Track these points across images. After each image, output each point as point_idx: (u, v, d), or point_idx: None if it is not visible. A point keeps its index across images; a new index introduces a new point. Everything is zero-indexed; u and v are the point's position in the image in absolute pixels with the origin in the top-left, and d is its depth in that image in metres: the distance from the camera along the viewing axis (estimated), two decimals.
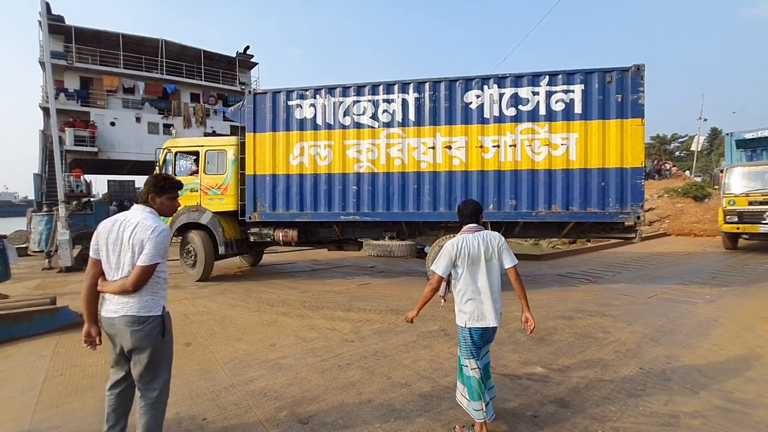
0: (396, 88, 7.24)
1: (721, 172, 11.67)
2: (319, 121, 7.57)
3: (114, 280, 2.22)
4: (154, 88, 23.10)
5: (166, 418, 2.38)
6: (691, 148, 31.32)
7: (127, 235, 2.19)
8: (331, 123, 7.51)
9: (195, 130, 22.95)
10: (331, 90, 7.51)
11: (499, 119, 6.84)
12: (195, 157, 8.72)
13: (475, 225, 2.80)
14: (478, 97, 6.92)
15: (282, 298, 6.79)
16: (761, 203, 10.17)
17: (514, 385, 3.46)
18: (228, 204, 8.24)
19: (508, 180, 6.80)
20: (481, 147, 6.89)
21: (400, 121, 7.22)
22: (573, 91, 6.59)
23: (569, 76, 6.62)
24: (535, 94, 6.72)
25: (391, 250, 7.52)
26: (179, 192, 2.49)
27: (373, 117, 7.34)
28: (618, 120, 6.44)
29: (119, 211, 2.55)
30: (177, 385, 3.47)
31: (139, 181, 25.84)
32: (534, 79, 6.72)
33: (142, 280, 2.17)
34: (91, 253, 2.28)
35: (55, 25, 20.21)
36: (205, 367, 3.96)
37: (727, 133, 15.64)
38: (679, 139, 55.02)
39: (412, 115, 7.17)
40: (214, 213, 8.20)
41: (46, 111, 20.04)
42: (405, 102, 7.21)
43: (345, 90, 7.45)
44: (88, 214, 17.72)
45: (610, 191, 6.48)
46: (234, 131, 8.21)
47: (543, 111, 6.68)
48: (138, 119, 22.03)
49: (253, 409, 3.13)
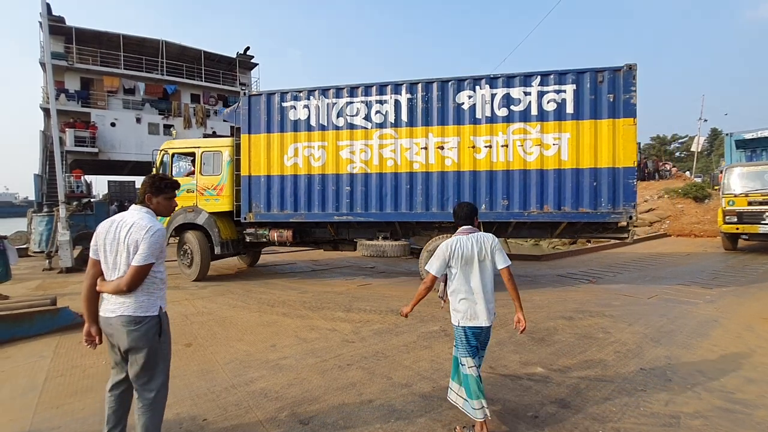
0: (388, 89, 7.26)
1: (721, 172, 11.64)
2: (312, 122, 7.59)
3: (111, 280, 2.23)
4: (154, 88, 23.11)
5: (166, 418, 2.39)
6: (692, 149, 31.33)
7: (123, 236, 2.19)
8: (325, 124, 7.54)
9: (195, 131, 22.94)
10: (324, 91, 7.54)
11: (491, 119, 6.84)
12: (191, 158, 8.76)
13: (470, 227, 2.86)
14: (470, 97, 6.92)
15: (282, 298, 6.80)
16: (761, 203, 10.13)
17: (515, 386, 3.46)
18: (224, 205, 8.28)
19: (500, 180, 6.79)
20: (473, 147, 6.89)
21: (393, 121, 7.24)
22: (565, 91, 6.58)
23: (561, 76, 6.61)
24: (526, 94, 6.71)
25: (384, 251, 7.51)
26: (176, 192, 2.50)
27: (366, 118, 7.36)
28: (610, 120, 6.43)
29: (119, 211, 2.54)
30: (178, 386, 3.48)
31: (140, 181, 25.68)
32: (526, 79, 6.72)
33: (137, 280, 2.17)
34: (91, 254, 2.30)
35: (56, 26, 20.24)
36: (206, 367, 3.96)
37: (726, 134, 15.58)
38: (680, 140, 55.05)
39: (404, 116, 7.19)
40: (210, 213, 8.23)
41: (46, 112, 20.06)
42: (397, 103, 7.22)
43: (338, 91, 7.48)
44: (88, 214, 17.75)
45: (602, 191, 6.47)
46: (235, 132, 8.25)
47: (535, 111, 6.68)
48: (138, 120, 22.04)
49: (253, 409, 3.13)
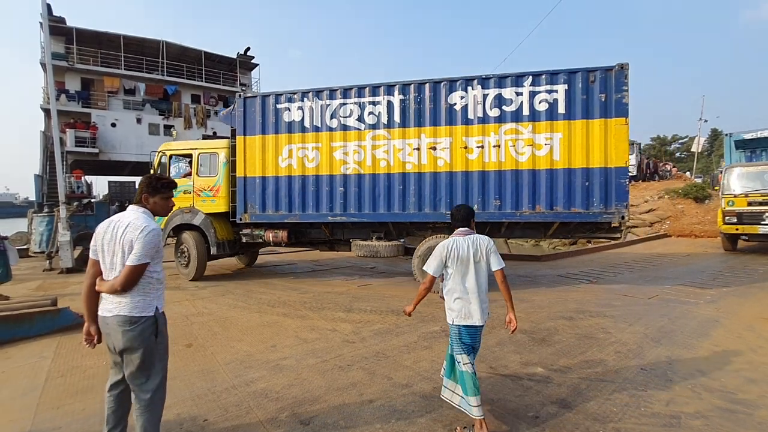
0: (381, 90, 7.27)
1: (721, 173, 11.62)
2: (306, 123, 7.62)
3: (108, 280, 2.24)
4: (154, 89, 23.12)
5: (167, 419, 2.39)
6: (692, 150, 31.29)
7: (119, 236, 2.21)
8: (319, 125, 7.56)
9: (196, 132, 22.96)
10: (318, 93, 7.56)
11: (483, 120, 6.84)
12: (189, 159, 8.80)
13: (467, 228, 2.92)
14: (462, 98, 6.92)
15: (282, 299, 6.80)
16: (760, 204, 10.10)
17: (516, 386, 3.46)
18: (220, 205, 8.32)
19: (492, 180, 6.79)
20: (465, 148, 6.89)
21: (386, 122, 7.25)
22: (556, 91, 6.57)
23: (553, 76, 6.60)
24: (518, 94, 6.71)
25: (378, 251, 7.51)
26: (173, 192, 2.51)
27: (359, 119, 7.37)
28: (602, 119, 6.41)
29: (120, 212, 2.55)
30: (178, 386, 3.49)
31: None
32: (518, 79, 6.71)
33: (131, 280, 2.17)
34: (91, 254, 2.31)
35: (56, 27, 20.26)
36: (206, 368, 3.96)
37: (726, 134, 15.56)
38: (680, 141, 55.11)
39: (397, 117, 7.20)
40: (207, 214, 8.28)
41: (47, 112, 20.05)
42: (390, 104, 7.23)
43: (332, 93, 7.49)
44: (88, 215, 17.74)
45: (594, 191, 6.45)
46: (232, 134, 8.29)
47: (527, 111, 6.67)
48: (139, 120, 22.05)
49: (254, 410, 3.13)
